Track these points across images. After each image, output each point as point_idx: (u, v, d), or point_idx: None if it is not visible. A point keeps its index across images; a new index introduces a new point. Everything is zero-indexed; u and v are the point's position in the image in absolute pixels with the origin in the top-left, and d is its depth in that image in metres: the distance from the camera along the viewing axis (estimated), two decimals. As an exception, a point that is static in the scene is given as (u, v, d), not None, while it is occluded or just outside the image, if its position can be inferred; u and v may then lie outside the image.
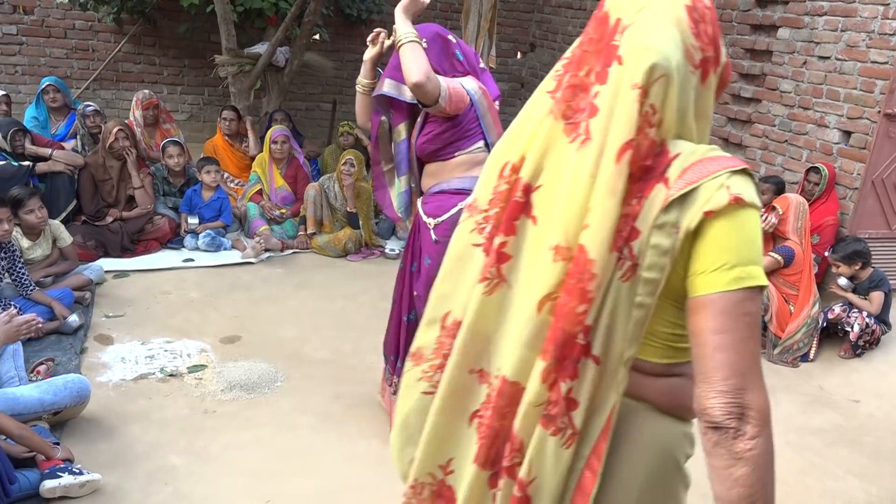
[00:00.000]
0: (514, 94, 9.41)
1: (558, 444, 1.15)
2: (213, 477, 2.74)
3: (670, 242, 1.08)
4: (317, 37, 6.83)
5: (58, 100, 5.76)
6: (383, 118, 2.87)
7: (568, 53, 1.25)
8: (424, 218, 2.74)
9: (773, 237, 4.30)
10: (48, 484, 2.48)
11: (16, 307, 3.62)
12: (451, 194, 2.68)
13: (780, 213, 4.23)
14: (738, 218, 1.05)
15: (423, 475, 1.34)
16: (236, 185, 5.86)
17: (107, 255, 4.78)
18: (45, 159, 4.87)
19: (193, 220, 5.13)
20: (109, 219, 4.94)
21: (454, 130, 2.63)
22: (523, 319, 1.18)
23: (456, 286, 1.32)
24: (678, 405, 1.21)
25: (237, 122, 5.99)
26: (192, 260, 4.91)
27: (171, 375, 3.45)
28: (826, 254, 4.51)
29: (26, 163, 4.79)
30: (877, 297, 4.19)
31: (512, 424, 1.20)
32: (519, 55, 9.25)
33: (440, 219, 2.69)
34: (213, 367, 3.55)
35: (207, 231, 5.10)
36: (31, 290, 3.75)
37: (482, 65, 2.77)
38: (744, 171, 1.08)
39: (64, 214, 4.80)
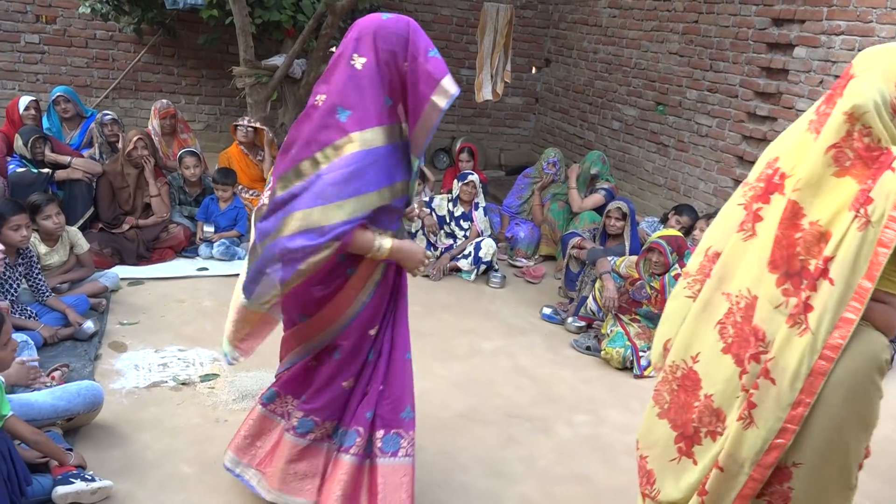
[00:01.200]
0: (527, 109, 9.45)
1: (793, 333, 1.80)
2: (223, 487, 2.75)
3: None
4: (333, 49, 6.88)
5: (69, 110, 5.77)
6: None
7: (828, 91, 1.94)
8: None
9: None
10: (60, 490, 2.49)
11: (32, 313, 3.67)
12: None
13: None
14: None
15: (678, 360, 2.11)
16: (250, 195, 5.90)
17: (122, 262, 4.83)
18: (64, 167, 4.93)
19: (209, 229, 5.18)
20: (126, 226, 4.99)
21: None
22: (766, 252, 1.90)
23: (720, 229, 2.11)
24: (888, 324, 1.83)
25: (254, 132, 6.03)
26: (206, 269, 4.94)
27: (183, 384, 3.47)
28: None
29: (45, 170, 4.85)
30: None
31: (754, 324, 1.89)
32: (533, 70, 9.29)
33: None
34: (224, 377, 3.56)
35: (222, 240, 5.14)
36: (48, 297, 3.79)
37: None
38: None
39: (81, 221, 4.85)
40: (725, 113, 6.19)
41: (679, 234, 4.21)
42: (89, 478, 2.58)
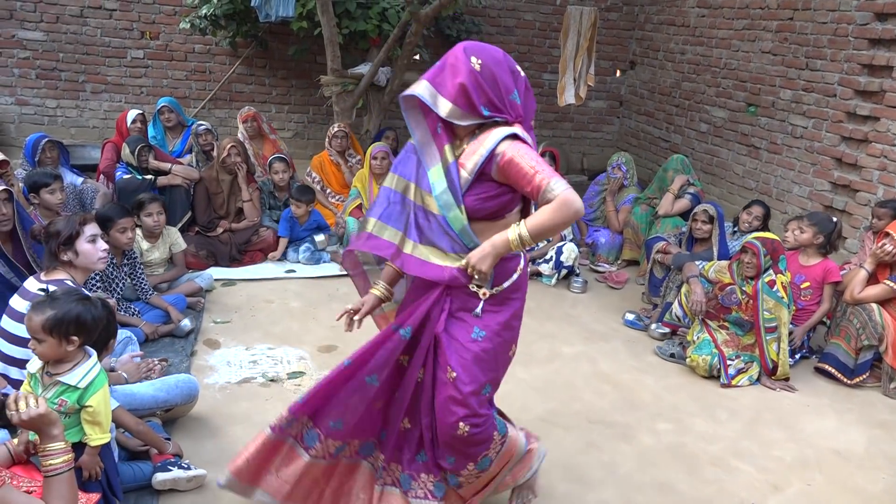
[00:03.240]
0: (611, 112, 9.30)
1: None
2: (308, 480, 2.84)
3: None
4: (417, 57, 7.00)
5: (172, 119, 6.19)
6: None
7: None
8: (471, 285, 2.27)
9: (890, 266, 4.03)
10: (160, 476, 2.64)
11: (136, 310, 3.91)
12: (506, 259, 2.26)
13: (897, 239, 3.97)
14: None
15: None
16: (337, 200, 6.07)
17: (216, 264, 5.07)
18: (165, 173, 5.24)
19: (320, 238, 5.38)
20: (220, 230, 5.24)
21: (512, 194, 2.24)
22: None
23: None
24: None
25: (347, 139, 6.21)
26: (293, 271, 5.12)
27: (271, 380, 3.61)
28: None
29: (149, 176, 5.17)
30: None
31: None
32: (618, 73, 9.13)
33: (496, 289, 2.29)
34: (310, 375, 3.68)
35: (307, 246, 5.28)
36: (150, 295, 4.03)
37: (532, 122, 2.31)
38: None
39: (180, 225, 5.13)
40: (822, 113, 5.91)
41: (776, 237, 4.04)
42: (186, 466, 2.72)
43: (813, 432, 3.52)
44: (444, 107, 2.18)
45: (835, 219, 4.44)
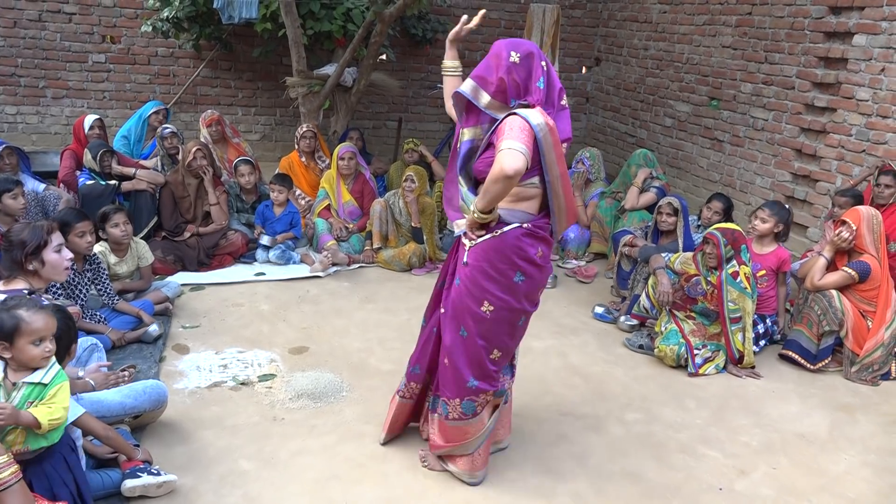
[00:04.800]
0: (578, 109, 9.39)
1: None
2: (280, 482, 2.84)
3: None
4: (383, 57, 7.00)
5: (163, 123, 6.14)
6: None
7: None
8: (463, 238, 2.73)
9: (848, 253, 4.13)
10: (129, 483, 2.62)
11: (101, 316, 3.86)
12: (496, 223, 2.64)
13: (854, 227, 4.05)
14: None
15: None
16: (306, 202, 6.06)
17: (184, 269, 5.01)
18: (129, 178, 5.17)
19: (265, 239, 5.30)
20: (187, 234, 5.19)
21: None
22: None
23: None
24: None
25: (315, 140, 6.19)
26: (263, 274, 5.10)
27: (242, 384, 3.59)
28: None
29: (113, 182, 5.10)
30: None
31: None
32: (584, 70, 9.22)
33: (474, 242, 2.65)
34: (282, 377, 3.67)
35: (278, 245, 5.29)
36: (117, 301, 3.98)
37: (563, 102, 2.67)
38: None
39: (146, 230, 5.07)
40: (782, 105, 6.04)
41: (737, 227, 4.12)
42: (155, 472, 2.70)
43: (778, 417, 3.60)
44: (483, 99, 2.59)
45: (787, 206, 4.56)
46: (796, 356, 4.13)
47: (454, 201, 2.77)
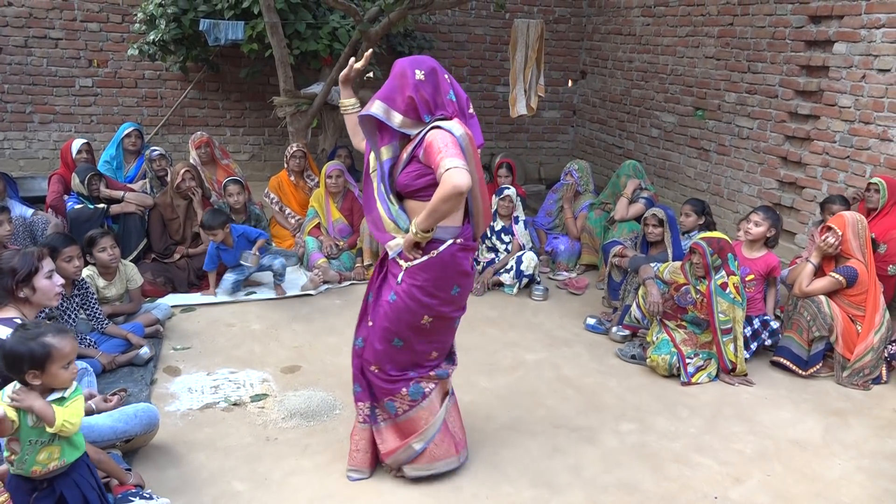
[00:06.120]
0: (565, 122, 9.46)
1: None
2: (273, 502, 2.82)
3: None
4: (370, 75, 7.03)
5: (137, 144, 6.09)
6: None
7: None
8: (397, 258, 2.72)
9: (835, 258, 4.16)
10: (121, 508, 2.59)
11: (91, 340, 3.84)
12: (430, 242, 2.67)
13: (840, 233, 4.08)
14: None
15: None
16: (297, 220, 6.06)
17: (175, 290, 5.00)
18: (118, 201, 5.16)
19: (247, 263, 4.98)
20: (177, 256, 5.17)
21: (434, 174, 2.58)
22: None
23: None
24: None
25: (305, 159, 6.20)
26: (254, 293, 5.08)
27: (234, 404, 3.57)
28: (889, 268, 4.40)
29: (101, 205, 5.09)
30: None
31: None
32: (570, 83, 9.30)
33: (411, 263, 2.67)
34: (274, 396, 3.65)
35: (232, 276, 5.03)
36: (106, 325, 3.95)
37: (471, 110, 2.76)
38: None
39: (136, 253, 5.06)
40: (766, 114, 6.10)
41: (723, 236, 4.15)
42: (147, 496, 2.67)
43: (771, 424, 3.60)
44: (396, 119, 2.62)
45: (777, 212, 4.61)
46: (788, 363, 4.14)
47: (379, 224, 2.76)
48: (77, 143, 5.67)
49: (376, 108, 2.62)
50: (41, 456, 2.26)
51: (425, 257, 2.67)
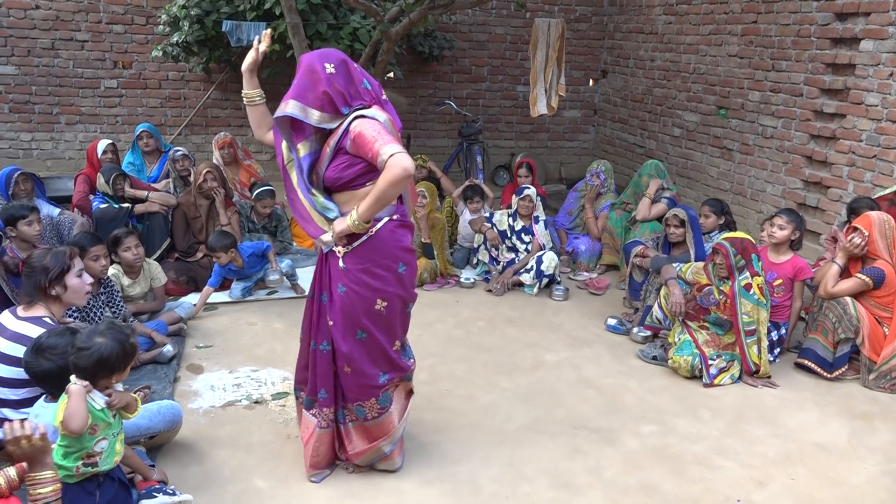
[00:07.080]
0: (586, 121, 9.41)
1: None
2: (295, 500, 2.84)
3: None
4: (391, 75, 7.07)
5: (150, 144, 6.15)
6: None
7: None
8: (334, 248, 2.72)
9: (862, 259, 4.10)
10: (145, 503, 2.63)
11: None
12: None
13: (866, 233, 4.01)
14: None
15: None
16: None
17: (197, 289, 5.04)
18: (142, 201, 5.23)
19: (274, 277, 5.05)
20: (200, 255, 5.23)
21: (366, 163, 2.62)
22: None
23: None
24: None
25: None
26: (275, 292, 5.12)
27: (256, 402, 3.60)
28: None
29: (126, 205, 5.16)
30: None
31: None
32: (591, 82, 9.25)
33: (350, 247, 2.68)
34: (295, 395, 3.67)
35: (242, 283, 5.04)
36: (131, 323, 4.01)
37: (384, 96, 2.76)
38: None
39: (159, 252, 5.12)
40: (791, 113, 6.03)
41: (747, 236, 4.10)
42: (171, 492, 2.71)
43: (795, 427, 3.56)
44: (314, 116, 2.59)
45: (800, 214, 4.53)
46: (812, 365, 4.09)
47: (307, 216, 2.75)
48: (102, 144, 5.75)
49: (291, 107, 2.59)
50: (118, 446, 2.46)
51: (364, 237, 2.67)
